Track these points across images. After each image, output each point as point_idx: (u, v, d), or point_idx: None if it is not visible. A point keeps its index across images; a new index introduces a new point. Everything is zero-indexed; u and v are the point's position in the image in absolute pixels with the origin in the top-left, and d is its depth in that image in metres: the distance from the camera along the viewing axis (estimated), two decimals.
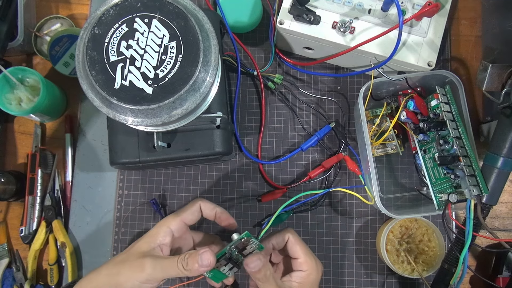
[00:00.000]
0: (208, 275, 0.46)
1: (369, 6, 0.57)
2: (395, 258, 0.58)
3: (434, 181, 0.57)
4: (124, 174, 0.63)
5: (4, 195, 0.60)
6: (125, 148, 0.53)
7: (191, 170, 0.63)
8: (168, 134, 0.52)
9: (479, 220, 0.50)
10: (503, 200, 0.64)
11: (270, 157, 0.64)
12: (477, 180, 0.52)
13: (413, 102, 0.56)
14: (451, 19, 0.67)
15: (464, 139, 0.54)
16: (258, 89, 0.65)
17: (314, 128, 0.64)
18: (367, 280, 0.61)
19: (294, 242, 0.49)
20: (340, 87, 0.65)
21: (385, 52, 0.56)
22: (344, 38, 0.57)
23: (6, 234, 0.63)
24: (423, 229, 0.59)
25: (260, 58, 0.66)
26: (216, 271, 0.47)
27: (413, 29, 0.57)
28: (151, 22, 0.42)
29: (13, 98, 0.59)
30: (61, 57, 0.63)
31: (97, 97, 0.42)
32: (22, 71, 0.59)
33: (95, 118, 0.65)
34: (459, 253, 0.51)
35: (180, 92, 0.41)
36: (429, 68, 0.57)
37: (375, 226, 0.62)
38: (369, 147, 0.55)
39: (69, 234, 0.62)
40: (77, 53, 0.42)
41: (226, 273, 0.47)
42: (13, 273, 0.61)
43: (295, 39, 0.60)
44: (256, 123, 0.64)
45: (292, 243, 0.49)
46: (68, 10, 0.68)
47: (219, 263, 0.46)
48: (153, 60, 0.41)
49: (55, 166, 0.64)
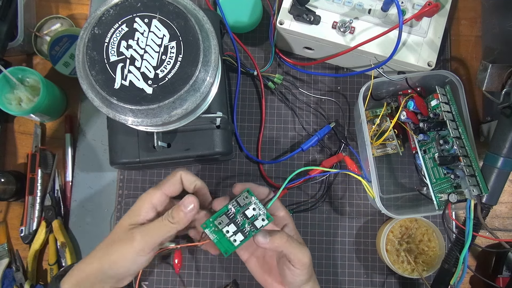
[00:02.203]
0: (214, 239, 0.46)
1: (369, 6, 0.57)
2: (395, 258, 0.58)
3: (434, 181, 0.57)
4: (124, 174, 0.63)
5: (4, 195, 0.60)
6: (125, 148, 0.53)
7: (191, 170, 0.63)
8: (168, 134, 0.52)
9: (479, 220, 0.50)
10: (503, 200, 0.64)
11: (270, 157, 0.64)
12: (477, 180, 0.52)
13: (413, 102, 0.56)
14: (451, 19, 0.67)
15: (464, 139, 0.54)
16: (258, 89, 0.65)
17: (314, 128, 0.64)
18: (367, 280, 0.61)
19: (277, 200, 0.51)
20: (340, 87, 0.65)
21: (385, 52, 0.56)
22: (344, 38, 0.57)
23: (6, 234, 0.63)
24: (423, 229, 0.59)
25: (260, 58, 0.66)
26: (221, 235, 0.46)
27: (413, 29, 0.57)
28: (151, 22, 0.42)
29: (13, 98, 0.59)
30: (61, 57, 0.63)
31: (97, 97, 0.42)
32: (22, 71, 0.59)
33: (95, 118, 0.65)
34: (459, 253, 0.51)
35: (180, 92, 0.41)
36: (429, 68, 0.57)
37: (375, 226, 0.62)
38: (369, 147, 0.55)
39: (69, 234, 0.62)
40: (77, 53, 0.42)
41: (231, 238, 0.47)
42: (13, 273, 0.61)
43: (295, 39, 0.60)
44: (256, 123, 0.64)
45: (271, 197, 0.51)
46: (68, 10, 0.68)
47: (221, 219, 0.46)
48: (153, 60, 0.41)
49: (55, 166, 0.64)
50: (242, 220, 0.46)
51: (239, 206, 0.46)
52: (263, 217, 0.47)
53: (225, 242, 0.47)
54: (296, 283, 0.48)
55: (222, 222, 0.46)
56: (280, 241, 0.46)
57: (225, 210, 0.46)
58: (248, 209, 0.46)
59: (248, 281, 0.60)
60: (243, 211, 0.46)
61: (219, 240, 0.47)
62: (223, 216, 0.46)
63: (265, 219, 0.47)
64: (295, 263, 0.47)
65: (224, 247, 0.47)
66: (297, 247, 0.47)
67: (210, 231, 0.46)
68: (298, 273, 0.47)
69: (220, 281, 0.61)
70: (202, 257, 0.61)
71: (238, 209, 0.46)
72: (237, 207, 0.46)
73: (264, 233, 0.46)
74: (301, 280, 0.48)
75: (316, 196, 0.63)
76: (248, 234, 0.46)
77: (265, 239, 0.46)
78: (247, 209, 0.46)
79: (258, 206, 0.46)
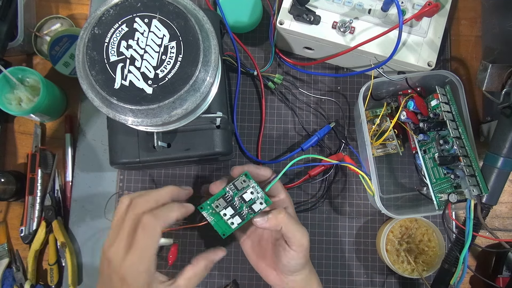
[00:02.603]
0: (211, 221, 0.46)
1: (369, 6, 0.57)
2: (395, 258, 0.58)
3: (434, 181, 0.57)
4: (124, 174, 0.63)
5: (4, 195, 0.60)
6: (125, 148, 0.53)
7: (191, 170, 0.63)
8: (168, 134, 0.52)
9: (479, 220, 0.50)
10: (503, 200, 0.64)
11: (270, 157, 0.64)
12: (477, 180, 0.52)
13: (413, 102, 0.56)
14: (451, 19, 0.67)
15: (464, 139, 0.54)
16: (258, 89, 0.65)
17: (314, 128, 0.64)
18: (367, 280, 0.61)
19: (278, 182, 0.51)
20: (340, 87, 0.65)
21: (385, 52, 0.56)
22: (344, 38, 0.57)
23: (6, 234, 0.63)
24: (423, 229, 0.59)
25: (260, 58, 0.66)
26: (218, 217, 0.46)
27: (413, 29, 0.57)
28: (151, 22, 0.42)
29: (13, 98, 0.59)
30: (61, 57, 0.63)
31: (97, 97, 0.42)
32: (22, 71, 0.59)
33: (95, 118, 0.65)
34: (459, 253, 0.51)
35: (180, 92, 0.41)
36: (429, 68, 0.57)
37: (375, 226, 0.62)
38: (369, 147, 0.55)
39: (69, 234, 0.62)
40: (77, 53, 0.42)
41: (228, 221, 0.46)
42: (13, 273, 0.61)
43: (295, 39, 0.60)
44: (256, 123, 0.64)
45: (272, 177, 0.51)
46: (68, 10, 0.68)
47: (218, 202, 0.46)
48: (153, 60, 0.41)
49: (55, 166, 0.64)
50: (240, 204, 0.46)
51: (236, 189, 0.46)
52: (261, 200, 0.46)
53: (223, 225, 0.47)
54: (291, 266, 0.47)
55: (219, 205, 0.46)
56: (279, 218, 0.45)
57: (223, 193, 0.46)
58: (246, 193, 0.46)
59: (248, 281, 0.60)
60: (240, 195, 0.46)
61: (217, 222, 0.47)
62: (220, 200, 0.46)
63: (263, 202, 0.46)
64: (292, 243, 0.46)
65: (222, 229, 0.47)
66: (296, 226, 0.46)
67: (207, 213, 0.47)
68: (294, 255, 0.46)
69: (220, 281, 0.61)
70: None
71: (235, 193, 0.46)
72: (234, 191, 0.46)
73: (262, 215, 0.46)
74: (296, 263, 0.47)
75: (316, 196, 0.63)
76: (246, 217, 0.47)
77: (263, 219, 0.45)
78: (244, 192, 0.46)
79: (256, 189, 0.46)
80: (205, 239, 0.61)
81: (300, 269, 0.48)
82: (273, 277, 0.50)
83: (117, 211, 0.45)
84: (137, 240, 0.42)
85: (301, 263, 0.47)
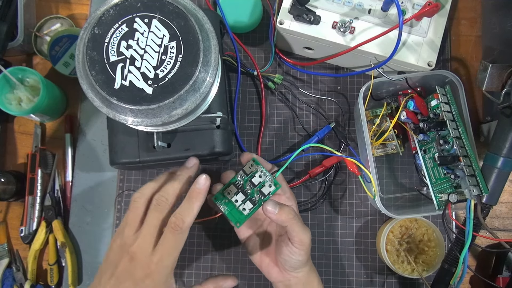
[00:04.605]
0: (224, 211, 0.48)
1: (369, 6, 0.57)
2: (395, 258, 0.58)
3: (434, 181, 0.57)
4: (124, 174, 0.63)
5: (4, 195, 0.60)
6: (125, 148, 0.53)
7: None
8: (168, 134, 0.52)
9: (479, 220, 0.50)
10: (503, 200, 0.64)
11: (270, 157, 0.64)
12: (477, 180, 0.52)
13: (413, 102, 0.56)
14: (451, 19, 0.67)
15: (464, 139, 0.54)
16: (258, 89, 0.65)
17: (314, 128, 0.64)
18: (367, 280, 0.61)
19: (282, 179, 0.54)
20: (340, 87, 0.65)
21: (385, 52, 0.56)
22: (344, 38, 0.57)
23: (6, 234, 0.63)
24: (423, 229, 0.59)
25: (260, 58, 0.66)
26: (231, 206, 0.47)
27: (413, 29, 0.57)
28: (151, 22, 0.42)
29: (13, 98, 0.59)
30: (61, 57, 0.63)
31: (97, 97, 0.42)
32: (22, 71, 0.59)
33: (95, 118, 0.65)
34: (459, 253, 0.51)
35: (180, 92, 0.41)
36: (429, 68, 0.57)
37: (375, 226, 0.62)
38: (369, 147, 0.55)
39: (69, 234, 0.62)
40: (77, 53, 0.42)
41: (240, 207, 0.47)
42: (13, 273, 0.61)
43: (295, 39, 0.60)
44: (256, 123, 0.64)
45: (281, 178, 0.53)
46: (68, 10, 0.68)
47: (229, 189, 0.48)
48: (153, 60, 0.41)
49: (55, 166, 0.64)
50: (251, 189, 0.48)
51: (245, 174, 0.48)
52: (269, 183, 0.48)
53: (236, 213, 0.48)
54: (292, 262, 0.48)
55: (230, 192, 0.48)
56: (287, 216, 0.46)
57: (234, 181, 0.48)
58: (255, 177, 0.48)
59: (248, 281, 0.61)
60: (249, 179, 0.48)
61: (230, 212, 0.48)
62: (231, 186, 0.48)
63: (272, 185, 0.48)
64: (295, 241, 0.47)
65: (235, 218, 0.48)
66: (301, 225, 0.47)
67: (220, 203, 0.48)
68: (296, 252, 0.47)
69: None
70: (202, 257, 0.61)
71: (245, 179, 0.48)
72: (244, 177, 0.48)
73: (274, 204, 0.46)
74: (297, 260, 0.48)
75: (316, 196, 0.63)
76: (257, 202, 0.48)
77: (274, 209, 0.46)
78: (253, 176, 0.48)
79: (264, 173, 0.48)
80: (205, 239, 0.61)
81: (301, 266, 0.49)
82: (276, 273, 0.51)
83: (133, 209, 0.45)
84: (167, 237, 0.42)
85: (302, 260, 0.48)
